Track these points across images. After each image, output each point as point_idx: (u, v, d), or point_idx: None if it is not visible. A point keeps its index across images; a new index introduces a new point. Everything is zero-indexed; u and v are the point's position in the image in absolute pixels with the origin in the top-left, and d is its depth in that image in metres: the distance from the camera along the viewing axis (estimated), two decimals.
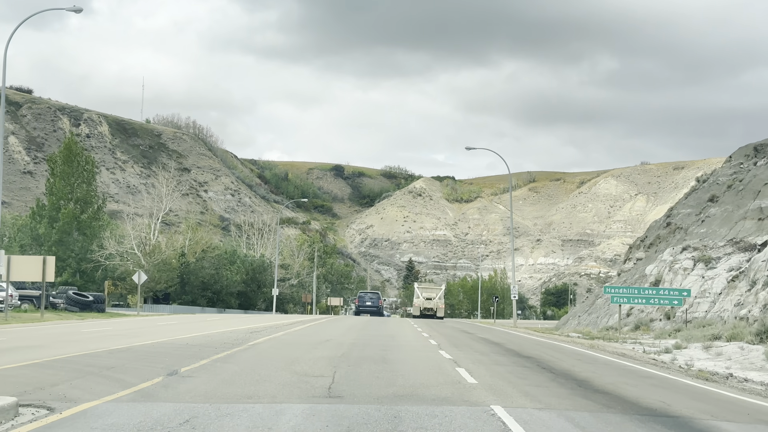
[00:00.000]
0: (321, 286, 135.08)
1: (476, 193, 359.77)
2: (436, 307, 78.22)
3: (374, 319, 61.67)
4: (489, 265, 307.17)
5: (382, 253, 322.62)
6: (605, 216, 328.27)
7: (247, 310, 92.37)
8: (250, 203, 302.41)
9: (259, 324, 41.80)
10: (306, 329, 37.58)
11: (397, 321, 65.05)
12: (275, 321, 47.91)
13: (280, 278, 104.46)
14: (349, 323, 47.74)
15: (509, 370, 19.45)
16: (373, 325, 45.97)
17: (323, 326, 42.00)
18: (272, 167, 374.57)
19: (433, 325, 52.25)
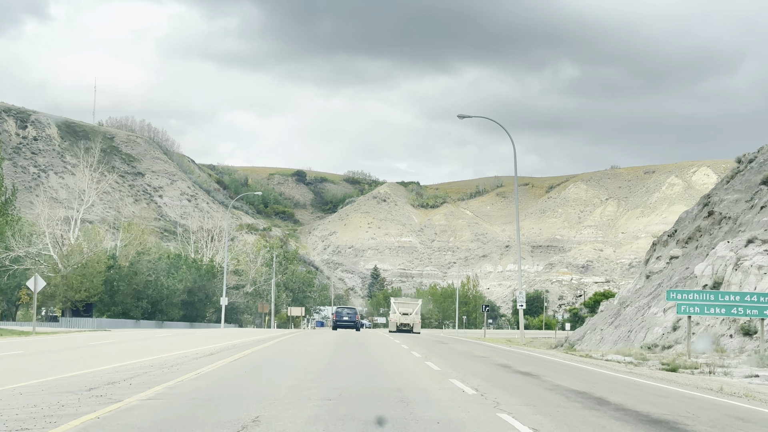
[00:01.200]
0: (281, 294, 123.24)
1: (442, 198, 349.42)
2: (413, 322, 75.68)
3: (351, 335, 51.11)
4: (457, 272, 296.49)
5: (345, 260, 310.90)
6: (575, 221, 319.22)
7: (193, 323, 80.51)
8: (208, 209, 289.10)
9: (184, 350, 29.89)
10: (242, 360, 25.76)
11: (379, 338, 53.76)
12: (216, 342, 35.94)
13: (233, 286, 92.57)
14: (319, 347, 35.80)
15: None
16: (354, 351, 33.95)
17: (278, 355, 30.27)
18: (231, 172, 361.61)
19: (429, 347, 40.93)
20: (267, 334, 53.44)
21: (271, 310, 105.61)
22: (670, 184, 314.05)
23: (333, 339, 44.09)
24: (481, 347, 41.65)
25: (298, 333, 52.23)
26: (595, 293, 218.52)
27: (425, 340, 54.58)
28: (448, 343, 45.16)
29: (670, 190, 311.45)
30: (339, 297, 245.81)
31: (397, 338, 57.52)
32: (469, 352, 35.38)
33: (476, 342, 54.84)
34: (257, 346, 32.81)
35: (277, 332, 55.32)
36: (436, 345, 42.12)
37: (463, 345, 44.91)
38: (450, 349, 38.36)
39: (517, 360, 30.70)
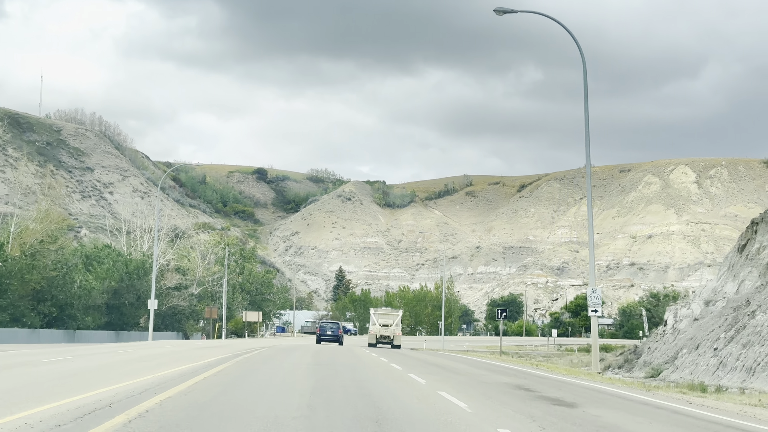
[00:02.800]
0: (235, 296, 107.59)
1: (409, 197, 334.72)
2: (393, 334, 71.32)
3: (335, 357, 37.72)
4: (425, 274, 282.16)
5: (308, 261, 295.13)
6: (548, 221, 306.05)
7: (120, 332, 64.95)
8: (162, 207, 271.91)
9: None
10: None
11: (368, 361, 39.47)
12: (96, 385, 20.33)
13: (174, 286, 76.81)
14: (288, 391, 20.55)
15: None
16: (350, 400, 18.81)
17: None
18: (189, 170, 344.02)
19: (448, 376, 26.05)
20: (211, 352, 38.35)
21: (223, 316, 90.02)
22: (647, 183, 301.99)
23: (310, 368, 29.27)
24: (542, 382, 26.91)
25: (247, 354, 36.70)
26: (577, 297, 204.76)
27: (424, 361, 39.75)
28: (475, 372, 30.26)
29: (647, 189, 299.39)
30: (301, 300, 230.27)
31: (384, 356, 42.80)
32: (513, 384, 20.44)
33: (507, 367, 40.08)
34: (181, 386, 17.49)
35: (226, 348, 40.14)
36: (454, 374, 27.32)
37: (499, 374, 30.01)
38: (484, 381, 23.63)
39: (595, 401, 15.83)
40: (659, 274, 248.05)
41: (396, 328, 71.18)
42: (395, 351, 58.63)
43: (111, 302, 63.86)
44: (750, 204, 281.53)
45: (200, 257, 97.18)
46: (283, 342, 67.86)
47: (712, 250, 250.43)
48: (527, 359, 53.67)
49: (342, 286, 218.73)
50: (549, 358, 62.96)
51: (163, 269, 77.27)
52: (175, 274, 76.97)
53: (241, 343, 56.74)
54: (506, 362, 45.91)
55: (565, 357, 72.23)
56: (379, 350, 57.65)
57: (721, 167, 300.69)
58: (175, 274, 77.29)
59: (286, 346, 50.95)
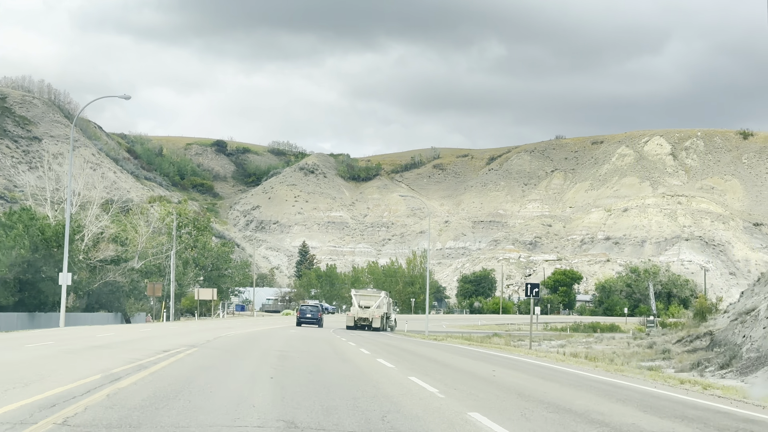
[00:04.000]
0: (187, 271, 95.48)
1: (375, 170, 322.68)
2: (372, 316, 67.88)
3: (312, 343, 26.70)
4: (392, 249, 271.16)
5: (270, 237, 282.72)
6: (519, 195, 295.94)
7: (38, 313, 52.85)
8: (115, 179, 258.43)
9: None
10: None
11: (346, 349, 28.37)
12: None
13: (109, 259, 64.57)
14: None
15: None
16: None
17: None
18: (144, 141, 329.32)
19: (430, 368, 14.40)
20: (143, 344, 26.79)
21: (171, 294, 77.94)
22: (621, 154, 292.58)
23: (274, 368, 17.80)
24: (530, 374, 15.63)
25: (185, 351, 24.85)
26: (555, 271, 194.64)
27: (430, 359, 28.50)
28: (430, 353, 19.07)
29: (621, 161, 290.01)
30: (263, 277, 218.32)
31: (367, 347, 31.58)
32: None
33: (537, 364, 28.95)
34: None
35: (136, 346, 28.38)
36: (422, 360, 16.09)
37: (516, 372, 18.81)
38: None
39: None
40: (635, 248, 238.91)
41: (376, 310, 67.68)
42: (379, 337, 48.14)
43: (23, 277, 51.75)
44: (727, 176, 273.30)
45: (145, 226, 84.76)
46: (239, 327, 56.36)
47: (690, 223, 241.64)
48: (576, 357, 42.32)
49: (305, 261, 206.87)
50: (589, 347, 51.94)
51: (97, 239, 65.19)
52: (111, 245, 64.93)
53: (178, 330, 44.96)
54: (565, 364, 34.65)
55: (592, 342, 61.50)
56: (362, 336, 46.86)
57: (697, 138, 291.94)
58: (112, 245, 65.25)
59: (240, 336, 39.33)
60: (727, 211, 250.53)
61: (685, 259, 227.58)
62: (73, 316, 56.11)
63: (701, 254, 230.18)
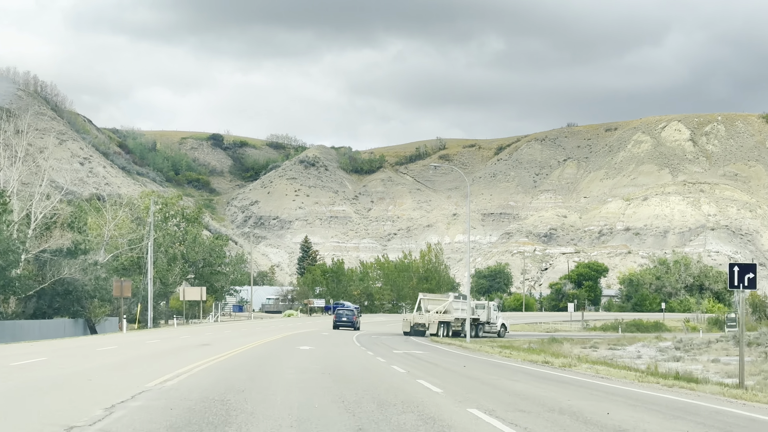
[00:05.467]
0: (172, 268, 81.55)
1: (378, 163, 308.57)
2: (429, 322, 62.15)
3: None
4: (398, 244, 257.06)
5: (270, 233, 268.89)
6: (530, 185, 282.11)
7: None
8: (105, 174, 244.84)
9: None
10: None
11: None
12: None
13: (66, 250, 50.68)
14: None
15: None
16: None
17: None
18: (137, 136, 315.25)
19: None
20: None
21: (148, 294, 64.03)
22: (637, 141, 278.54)
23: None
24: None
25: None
26: (579, 264, 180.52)
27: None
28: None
29: (637, 148, 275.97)
30: (263, 275, 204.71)
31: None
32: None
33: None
34: None
35: (81, 375, 17.40)
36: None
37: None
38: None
39: None
40: (658, 239, 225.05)
41: (435, 316, 61.39)
42: (446, 359, 34.68)
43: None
44: (751, 162, 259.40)
45: (113, 210, 70.51)
46: (225, 340, 42.40)
47: (714, 212, 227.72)
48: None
49: (308, 258, 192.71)
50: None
51: (48, 225, 51.32)
52: (68, 233, 51.09)
53: (119, 355, 30.91)
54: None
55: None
56: (426, 356, 33.54)
57: (717, 123, 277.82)
58: (68, 232, 51.41)
59: (219, 373, 25.26)
60: (753, 198, 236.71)
61: (711, 249, 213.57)
62: (12, 325, 42.36)
63: (728, 244, 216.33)
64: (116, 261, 72.60)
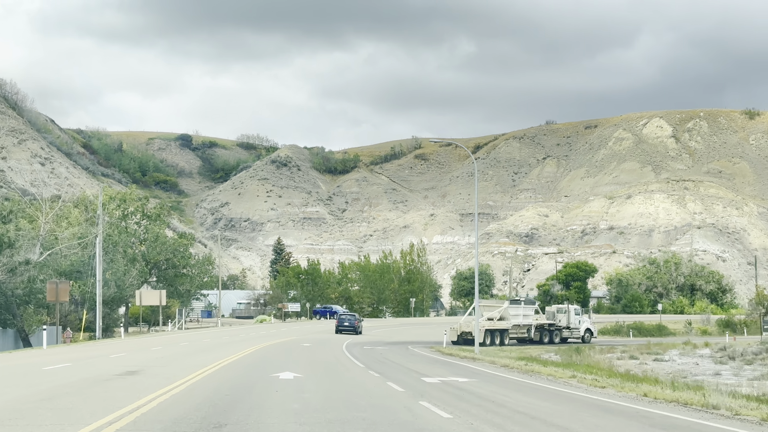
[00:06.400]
0: (128, 269, 72.38)
1: (353, 162, 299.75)
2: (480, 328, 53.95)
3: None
4: (374, 246, 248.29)
5: (240, 236, 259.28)
6: (509, 185, 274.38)
7: None
8: (68, 175, 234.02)
9: None
10: None
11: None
12: None
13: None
14: None
15: None
16: None
17: None
18: (102, 137, 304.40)
19: None
20: None
21: (97, 299, 54.94)
22: (618, 138, 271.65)
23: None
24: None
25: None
26: (566, 264, 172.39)
27: None
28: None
29: (619, 145, 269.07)
30: (234, 278, 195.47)
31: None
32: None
33: None
34: None
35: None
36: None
37: None
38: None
39: None
40: (643, 238, 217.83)
41: (487, 323, 56.76)
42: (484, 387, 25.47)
43: None
44: (735, 159, 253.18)
45: (51, 203, 61.13)
46: (177, 359, 32.99)
47: (700, 210, 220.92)
48: None
49: (281, 260, 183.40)
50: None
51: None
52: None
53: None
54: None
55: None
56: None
57: (700, 119, 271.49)
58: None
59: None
60: (738, 196, 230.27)
61: (698, 248, 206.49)
62: None
63: (716, 243, 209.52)
64: (65, 262, 63.38)
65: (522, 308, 61.08)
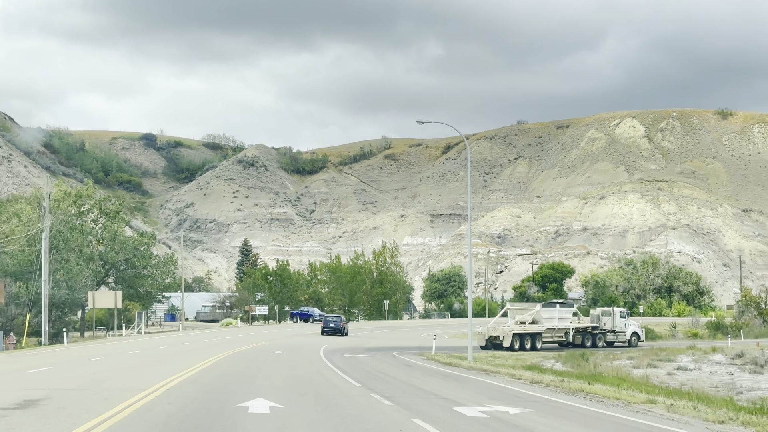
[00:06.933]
0: (81, 269, 66.76)
1: (321, 162, 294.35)
2: (503, 334, 54.90)
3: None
4: (343, 248, 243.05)
5: (206, 237, 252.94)
6: (481, 185, 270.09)
7: None
8: (26, 174, 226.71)
9: None
10: None
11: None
12: None
13: None
14: None
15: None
16: None
17: None
18: (64, 136, 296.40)
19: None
20: None
21: (43, 301, 49.45)
22: (590, 139, 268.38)
23: None
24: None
25: None
26: (543, 266, 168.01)
27: None
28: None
29: (591, 145, 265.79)
30: (199, 281, 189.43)
31: None
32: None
33: None
34: None
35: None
36: None
37: None
38: None
39: None
40: (617, 239, 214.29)
41: (516, 327, 55.34)
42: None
43: None
44: (708, 159, 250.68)
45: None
46: (116, 374, 26.67)
47: (675, 210, 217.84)
48: None
49: (248, 261, 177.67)
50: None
51: None
52: None
53: None
54: None
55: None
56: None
57: (673, 119, 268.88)
58: None
59: None
60: (713, 196, 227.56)
61: (674, 249, 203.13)
62: None
63: (691, 244, 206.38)
64: (11, 261, 57.71)
65: (557, 311, 58.91)
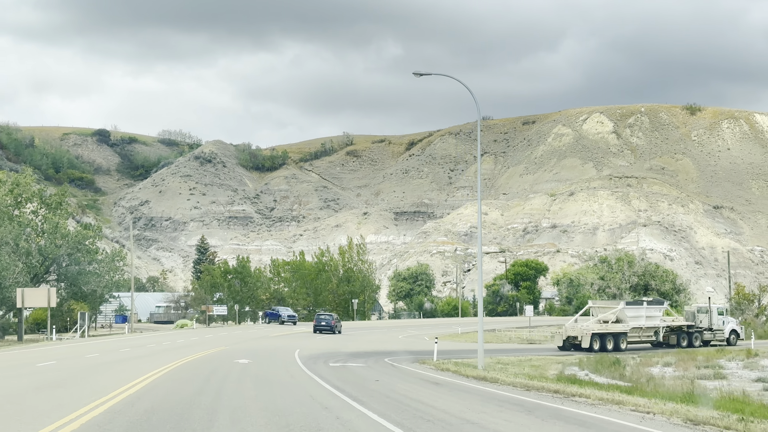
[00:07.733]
0: (10, 263, 58.25)
1: (281, 159, 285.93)
2: (581, 334, 51.77)
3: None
4: (304, 246, 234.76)
5: (161, 235, 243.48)
6: (446, 182, 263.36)
7: None
8: None
9: None
10: None
11: None
12: None
13: None
14: None
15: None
16: None
17: None
18: (12, 131, 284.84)
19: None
20: None
21: None
22: (557, 134, 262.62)
23: None
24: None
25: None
26: (515, 263, 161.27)
27: None
28: None
29: (558, 141, 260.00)
30: (154, 280, 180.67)
31: None
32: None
33: None
34: None
35: None
36: None
37: None
38: None
39: None
40: (587, 236, 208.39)
41: (596, 326, 52.20)
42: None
43: None
44: (677, 155, 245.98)
45: None
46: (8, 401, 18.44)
47: (645, 207, 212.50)
48: None
49: (205, 260, 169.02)
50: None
51: None
52: None
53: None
54: None
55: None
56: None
57: (641, 115, 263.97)
58: None
59: None
60: (683, 193, 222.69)
61: (645, 247, 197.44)
62: None
63: (662, 241, 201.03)
64: None
65: (645, 309, 55.67)
